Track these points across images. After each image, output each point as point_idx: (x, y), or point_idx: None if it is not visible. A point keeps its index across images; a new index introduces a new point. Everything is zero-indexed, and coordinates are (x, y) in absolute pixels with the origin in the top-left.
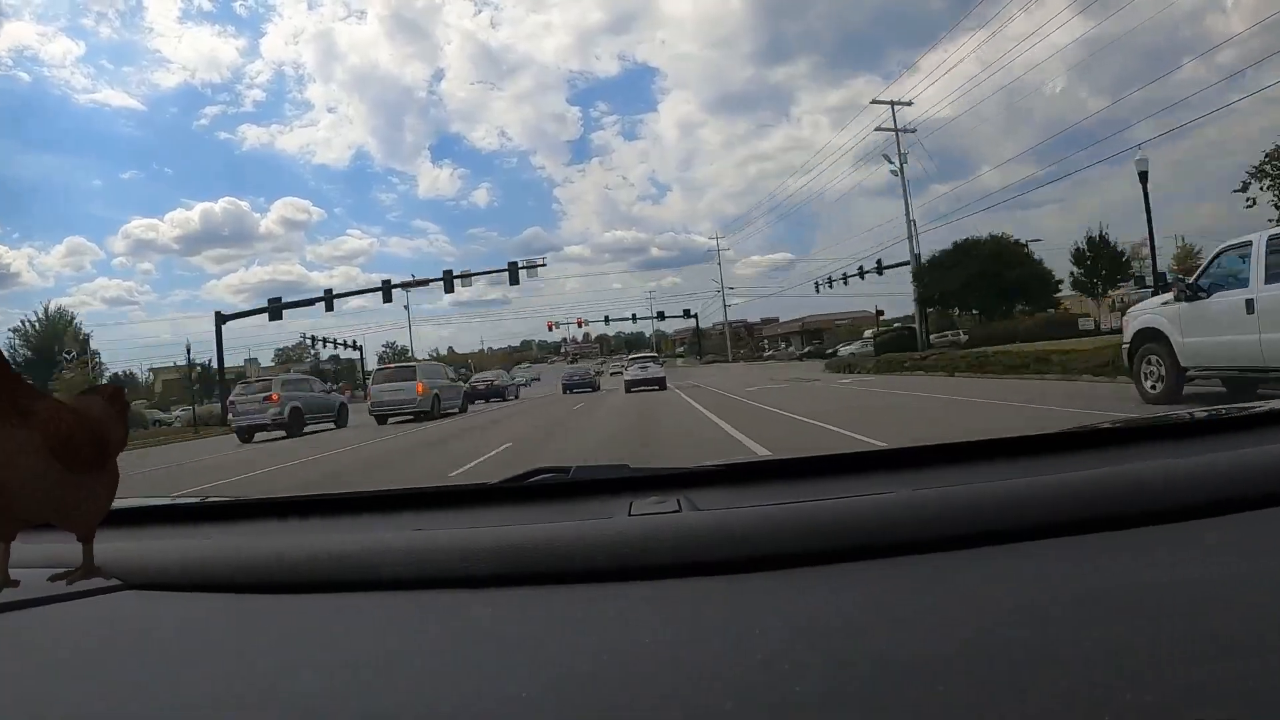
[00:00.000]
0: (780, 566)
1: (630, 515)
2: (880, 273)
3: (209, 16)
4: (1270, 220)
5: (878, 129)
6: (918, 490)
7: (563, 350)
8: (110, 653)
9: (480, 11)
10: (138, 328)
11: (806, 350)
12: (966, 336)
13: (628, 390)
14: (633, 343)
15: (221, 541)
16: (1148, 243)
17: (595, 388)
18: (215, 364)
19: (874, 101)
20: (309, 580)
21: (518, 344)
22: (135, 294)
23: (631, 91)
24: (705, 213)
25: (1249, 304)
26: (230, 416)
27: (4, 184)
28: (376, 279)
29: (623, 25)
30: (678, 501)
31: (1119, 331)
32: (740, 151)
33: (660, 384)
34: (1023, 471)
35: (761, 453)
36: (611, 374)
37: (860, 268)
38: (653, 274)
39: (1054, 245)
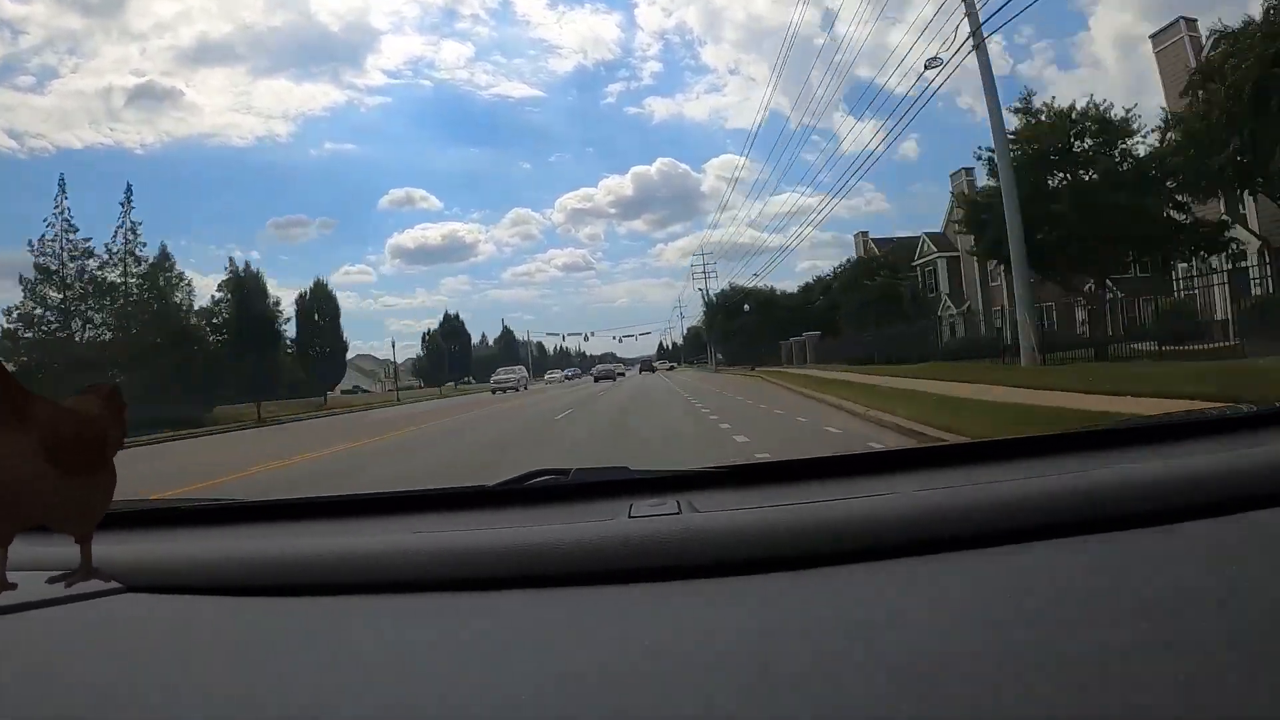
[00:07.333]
0: (781, 569)
1: (630, 517)
2: None
3: None
4: None
5: None
6: (917, 492)
7: None
8: (111, 655)
9: None
10: (595, 292)
11: None
12: None
13: None
14: None
15: (222, 544)
16: None
17: None
18: None
19: None
20: (309, 583)
21: None
22: (590, 260)
23: (1052, 6)
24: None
25: None
26: None
27: (448, 174)
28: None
29: None
30: (677, 504)
31: None
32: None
33: None
34: (1022, 473)
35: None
36: None
37: None
38: None
39: None
